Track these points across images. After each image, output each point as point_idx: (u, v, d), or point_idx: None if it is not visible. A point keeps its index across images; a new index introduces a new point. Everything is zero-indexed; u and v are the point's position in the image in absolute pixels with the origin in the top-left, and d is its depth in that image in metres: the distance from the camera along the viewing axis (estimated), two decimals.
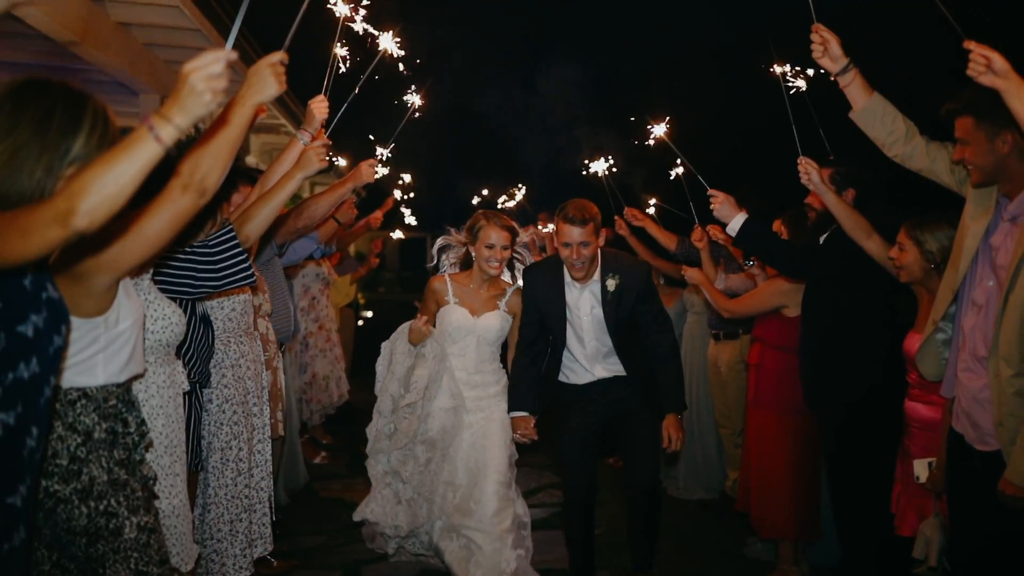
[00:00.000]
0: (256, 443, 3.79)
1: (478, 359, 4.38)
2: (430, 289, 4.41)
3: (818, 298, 4.18)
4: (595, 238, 4.08)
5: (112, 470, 2.28)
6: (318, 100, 3.86)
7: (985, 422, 2.98)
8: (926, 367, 3.38)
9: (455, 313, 4.35)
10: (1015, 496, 2.80)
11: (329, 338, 7.02)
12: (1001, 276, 2.98)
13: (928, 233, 3.51)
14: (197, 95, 1.79)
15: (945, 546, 3.36)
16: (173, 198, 2.09)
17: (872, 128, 3.33)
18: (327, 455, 7.12)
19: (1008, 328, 2.88)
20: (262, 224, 3.30)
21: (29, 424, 1.88)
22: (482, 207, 8.83)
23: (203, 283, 3.02)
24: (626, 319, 4.22)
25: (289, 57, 2.27)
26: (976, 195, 3.15)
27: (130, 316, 2.32)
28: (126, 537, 2.26)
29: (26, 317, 1.87)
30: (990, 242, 3.08)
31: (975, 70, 2.60)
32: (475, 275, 4.40)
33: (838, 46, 3.20)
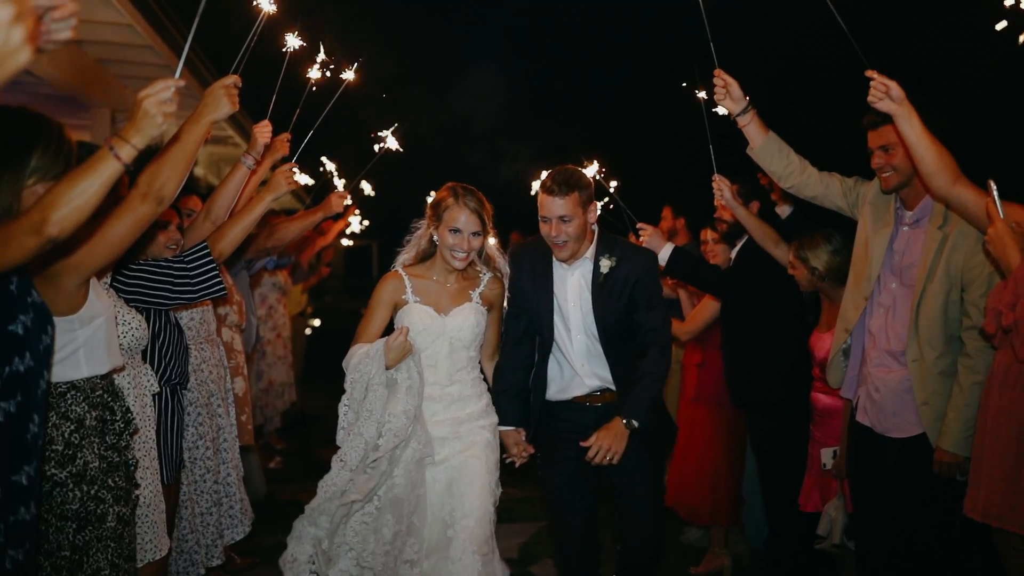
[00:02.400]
0: (222, 442, 4.03)
1: (451, 368, 3.48)
2: (382, 289, 3.49)
3: (736, 306, 4.58)
4: (580, 211, 3.48)
5: (104, 455, 2.56)
6: (261, 126, 3.90)
7: (903, 410, 3.40)
8: (833, 377, 3.80)
9: (417, 313, 3.44)
10: (950, 463, 3.23)
11: (285, 345, 7.24)
12: (907, 276, 3.42)
13: (810, 252, 3.98)
14: (150, 118, 2.16)
15: (847, 525, 3.78)
16: (133, 206, 2.43)
17: (770, 163, 3.70)
18: (281, 459, 7.33)
19: (929, 315, 3.33)
20: (234, 242, 3.57)
21: (30, 411, 2.15)
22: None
23: (179, 294, 3.29)
24: (618, 313, 3.58)
25: (241, 79, 2.64)
26: (872, 211, 3.59)
27: (103, 313, 2.59)
28: (108, 525, 2.53)
29: (15, 318, 2.15)
30: (893, 248, 3.51)
31: (876, 96, 2.99)
32: (437, 265, 3.54)
33: (738, 89, 3.54)
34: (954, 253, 3.33)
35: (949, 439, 3.25)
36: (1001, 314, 2.87)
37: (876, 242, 3.57)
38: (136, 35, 6.21)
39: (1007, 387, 2.97)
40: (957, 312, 3.33)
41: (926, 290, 3.36)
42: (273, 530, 5.54)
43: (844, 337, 3.67)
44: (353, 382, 3.34)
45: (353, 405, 3.35)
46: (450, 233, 3.43)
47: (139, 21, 5.97)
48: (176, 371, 3.53)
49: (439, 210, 3.46)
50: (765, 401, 4.44)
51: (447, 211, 3.44)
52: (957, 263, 3.33)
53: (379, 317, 3.47)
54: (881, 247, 3.56)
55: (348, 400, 3.36)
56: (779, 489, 4.40)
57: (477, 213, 3.43)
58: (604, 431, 3.42)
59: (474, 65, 13.83)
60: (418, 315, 3.47)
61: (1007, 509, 2.91)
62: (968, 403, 3.20)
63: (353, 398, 3.34)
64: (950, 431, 3.25)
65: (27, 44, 1.19)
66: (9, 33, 1.16)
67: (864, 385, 3.56)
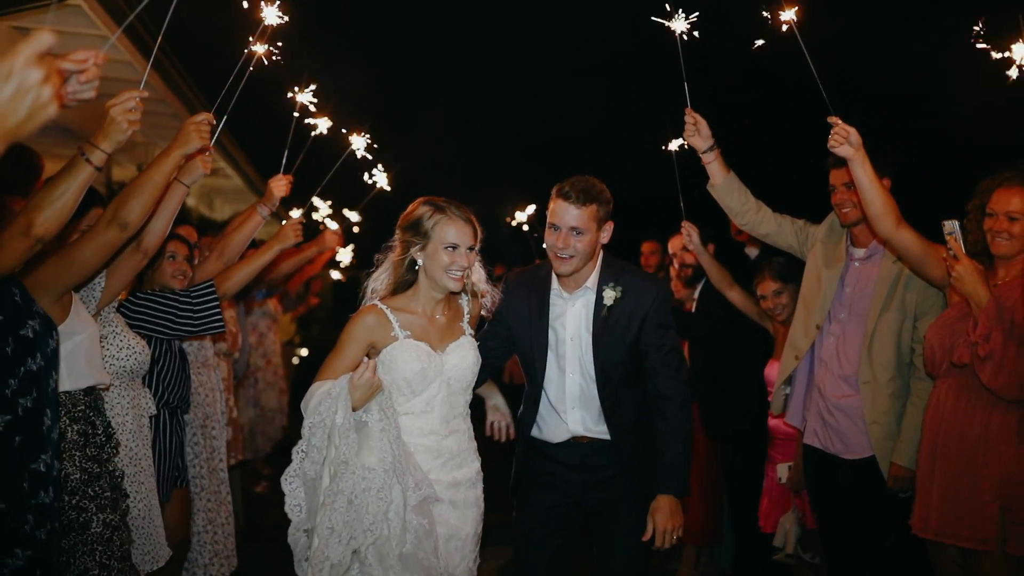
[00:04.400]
0: (217, 462, 4.23)
1: (449, 414, 2.98)
2: (356, 325, 2.94)
3: (702, 344, 4.90)
4: (595, 227, 3.12)
5: (84, 467, 2.80)
6: (278, 179, 4.05)
7: (855, 432, 3.65)
8: (776, 404, 4.09)
9: (409, 352, 2.90)
10: (904, 477, 3.48)
11: (276, 372, 7.44)
12: (857, 307, 3.72)
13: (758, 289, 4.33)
14: (116, 125, 2.49)
15: (800, 536, 4.01)
16: (100, 230, 2.76)
17: (729, 199, 3.94)
18: (267, 485, 7.50)
19: (883, 341, 3.62)
20: (239, 284, 3.87)
21: (43, 406, 2.42)
22: None
23: (180, 326, 3.54)
24: (622, 353, 3.18)
25: (218, 117, 2.92)
26: (823, 249, 3.88)
27: (83, 331, 2.86)
28: (92, 531, 2.77)
29: (24, 323, 2.42)
30: (844, 282, 3.78)
31: (836, 141, 3.24)
32: (421, 296, 3.00)
33: (707, 128, 3.78)
34: (909, 286, 3.63)
35: (904, 455, 3.51)
36: (976, 345, 3.09)
37: (828, 276, 3.85)
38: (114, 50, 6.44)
39: (958, 412, 3.21)
40: (909, 340, 3.62)
41: (881, 318, 3.64)
42: (259, 551, 5.73)
43: (793, 364, 3.92)
44: (312, 426, 2.77)
45: (312, 453, 2.78)
46: (445, 251, 2.92)
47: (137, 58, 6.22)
48: (175, 395, 3.73)
49: (423, 228, 2.94)
50: (734, 432, 4.70)
51: (437, 226, 2.93)
52: (912, 296, 3.62)
53: (349, 355, 2.90)
54: (833, 281, 3.83)
55: (305, 447, 2.79)
56: (746, 512, 4.63)
57: (471, 224, 2.99)
58: (659, 513, 3.07)
59: (447, 94, 14.19)
60: (413, 353, 2.91)
61: (961, 527, 3.13)
62: (922, 421, 3.45)
63: (312, 445, 2.78)
64: (906, 447, 3.51)
65: (54, 100, 1.39)
66: (40, 91, 1.36)
67: (813, 409, 3.81)
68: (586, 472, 3.23)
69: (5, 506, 2.26)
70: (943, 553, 3.26)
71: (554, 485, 3.25)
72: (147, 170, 2.85)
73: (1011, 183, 3.22)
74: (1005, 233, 3.20)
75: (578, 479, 3.23)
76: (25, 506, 2.32)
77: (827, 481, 3.81)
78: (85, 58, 1.99)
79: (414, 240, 2.96)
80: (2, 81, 1.31)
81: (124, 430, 3.21)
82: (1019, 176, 3.22)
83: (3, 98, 1.31)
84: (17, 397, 2.35)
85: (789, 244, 4.02)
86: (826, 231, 3.92)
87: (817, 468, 3.85)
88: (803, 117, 3.34)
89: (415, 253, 2.97)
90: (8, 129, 1.33)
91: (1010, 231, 3.19)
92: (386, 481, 2.74)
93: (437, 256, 2.93)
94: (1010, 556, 3.04)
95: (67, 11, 4.80)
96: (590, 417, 3.24)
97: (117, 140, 2.49)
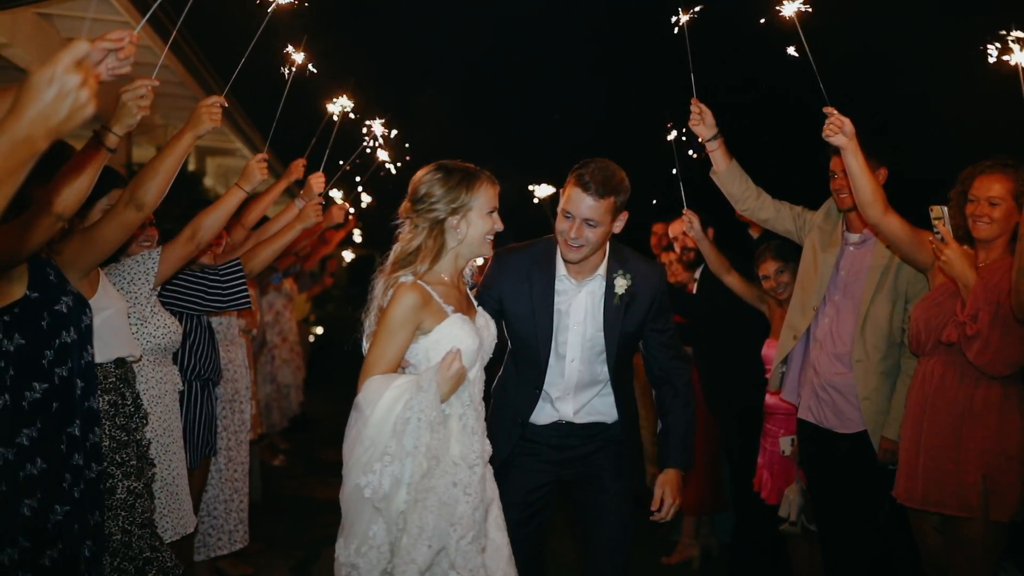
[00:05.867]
0: (244, 435, 4.47)
1: (482, 387, 2.80)
2: (401, 305, 2.63)
3: (705, 325, 5.04)
4: (610, 219, 3.01)
5: (113, 436, 2.99)
6: (317, 176, 4.42)
7: (848, 408, 3.82)
8: (773, 381, 4.24)
9: (465, 326, 2.71)
10: (893, 450, 3.65)
11: (292, 349, 7.65)
12: (851, 289, 3.87)
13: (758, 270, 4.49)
14: (127, 110, 2.69)
15: (804, 506, 4.18)
16: (119, 211, 2.96)
17: (731, 186, 4.08)
18: (284, 458, 7.73)
19: (875, 322, 3.78)
20: (264, 263, 4.07)
21: (75, 377, 2.62)
22: None
23: (211, 301, 3.73)
24: (629, 338, 3.18)
25: (234, 98, 3.04)
26: (820, 234, 4.02)
27: (112, 306, 3.06)
28: (117, 497, 2.96)
29: (59, 299, 2.63)
30: (839, 266, 3.93)
31: (832, 130, 3.35)
32: (447, 265, 2.76)
33: (711, 117, 3.90)
34: (901, 269, 3.78)
35: (893, 429, 3.68)
36: (964, 324, 3.23)
37: (825, 260, 3.99)
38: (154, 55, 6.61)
39: (943, 388, 3.36)
40: (900, 321, 3.76)
41: (874, 299, 3.79)
42: (276, 521, 5.96)
43: (791, 344, 4.07)
44: (397, 430, 2.49)
45: (401, 456, 2.48)
46: (487, 216, 2.76)
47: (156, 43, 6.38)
48: (207, 367, 3.94)
49: (462, 194, 2.71)
50: (734, 407, 4.86)
51: (478, 191, 2.73)
52: (904, 279, 3.78)
53: (400, 340, 2.65)
54: (829, 264, 3.97)
55: (393, 450, 2.48)
56: (744, 484, 4.80)
57: (498, 185, 2.84)
58: (668, 485, 3.11)
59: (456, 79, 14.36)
60: (468, 327, 2.72)
61: (946, 496, 3.28)
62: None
63: (403, 446, 2.48)
64: (896, 422, 3.67)
65: (91, 102, 1.51)
66: (78, 94, 1.49)
67: (808, 386, 3.97)
68: (569, 450, 3.19)
69: (47, 466, 2.46)
70: (925, 521, 3.43)
71: (533, 464, 3.20)
72: (162, 153, 3.04)
73: (992, 170, 3.36)
74: (986, 217, 3.34)
75: (559, 457, 3.21)
76: (63, 466, 2.52)
77: (820, 454, 3.98)
78: (121, 37, 2.27)
79: (452, 207, 2.71)
80: (45, 86, 1.45)
81: (158, 403, 3.39)
82: (999, 164, 3.37)
83: (46, 101, 1.45)
84: (53, 367, 2.55)
85: (787, 229, 4.16)
86: (823, 216, 4.07)
87: (811, 442, 4.01)
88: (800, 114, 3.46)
89: (456, 221, 2.72)
90: (50, 128, 1.47)
91: (990, 215, 3.33)
92: (471, 477, 2.56)
93: (479, 221, 2.74)
94: (990, 522, 3.20)
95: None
96: (582, 402, 3.21)
97: (128, 124, 2.69)
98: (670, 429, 3.20)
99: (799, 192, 4.28)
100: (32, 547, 2.40)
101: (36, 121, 1.46)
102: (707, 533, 5.42)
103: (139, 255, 3.32)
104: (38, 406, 2.49)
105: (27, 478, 2.42)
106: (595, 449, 3.23)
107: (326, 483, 7.01)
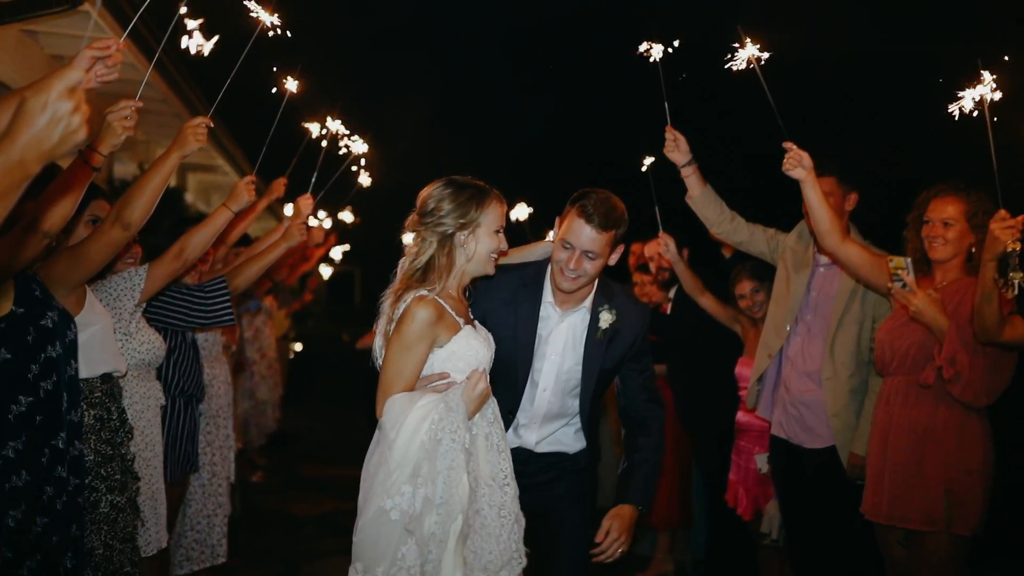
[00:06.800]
0: (226, 451, 4.50)
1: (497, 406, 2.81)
2: (418, 319, 2.62)
3: (680, 345, 5.14)
4: (608, 252, 2.99)
5: (98, 449, 3.02)
6: (305, 198, 4.48)
7: (817, 424, 3.94)
8: (749, 399, 4.35)
9: (476, 338, 2.77)
10: (861, 465, 3.75)
11: (271, 365, 7.67)
12: (822, 309, 4.01)
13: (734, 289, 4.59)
14: (112, 130, 2.77)
15: (783, 522, 4.28)
16: (105, 230, 3.00)
17: (706, 210, 4.21)
18: (263, 474, 7.74)
19: (844, 341, 3.92)
20: (248, 280, 4.13)
21: (61, 390, 2.67)
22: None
23: (195, 317, 3.78)
24: (606, 374, 3.12)
25: (217, 116, 3.13)
26: (792, 255, 4.14)
27: (98, 321, 3.09)
28: (100, 511, 2.99)
29: (44, 315, 2.69)
30: (811, 286, 4.04)
31: (791, 164, 3.46)
32: (454, 279, 2.77)
33: (685, 143, 4.02)
34: (869, 291, 3.89)
35: (861, 445, 3.78)
36: (942, 368, 3.32)
37: (797, 280, 4.11)
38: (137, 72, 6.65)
39: (907, 406, 3.46)
40: (868, 340, 3.88)
41: (843, 320, 3.92)
42: (255, 535, 5.98)
43: (767, 362, 4.17)
44: (428, 451, 2.48)
45: (433, 479, 2.47)
46: (494, 235, 2.78)
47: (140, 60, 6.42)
48: (191, 383, 3.99)
49: (471, 209, 2.73)
50: (707, 424, 4.96)
51: (488, 209, 2.75)
52: (872, 300, 3.91)
53: (417, 356, 2.64)
54: (801, 285, 4.09)
55: (426, 472, 2.47)
56: (718, 500, 4.88)
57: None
58: (619, 520, 2.99)
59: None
60: (479, 340, 2.77)
61: (911, 511, 3.38)
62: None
63: (435, 469, 2.47)
64: (864, 438, 3.77)
65: (83, 128, 1.57)
66: (70, 120, 1.55)
67: (779, 403, 4.07)
68: (523, 478, 2.85)
69: (31, 478, 2.50)
70: (890, 535, 3.53)
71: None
72: (148, 173, 3.08)
73: (945, 193, 3.51)
74: (940, 238, 3.48)
75: (520, 483, 2.91)
76: (45, 479, 2.56)
77: (791, 470, 4.08)
78: (107, 45, 2.42)
79: (461, 222, 2.71)
80: (39, 112, 1.52)
81: (141, 418, 3.43)
82: (952, 187, 3.51)
83: (39, 126, 1.51)
84: (39, 381, 2.60)
85: (761, 251, 4.28)
86: (795, 237, 4.19)
87: (781, 457, 4.11)
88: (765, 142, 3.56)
89: (464, 237, 2.73)
90: (43, 152, 1.54)
91: (945, 236, 3.47)
92: (503, 498, 2.57)
93: (485, 240, 2.76)
94: (953, 535, 3.31)
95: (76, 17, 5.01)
96: (547, 433, 3.14)
97: (113, 144, 2.76)
98: (636, 466, 3.10)
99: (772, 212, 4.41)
100: (13, 557, 2.44)
101: (30, 145, 1.52)
102: (681, 549, 5.50)
103: (126, 272, 3.37)
104: (23, 419, 2.54)
105: (12, 490, 2.47)
106: (553, 478, 3.14)
107: (304, 499, 7.06)
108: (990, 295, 3.09)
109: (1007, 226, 2.98)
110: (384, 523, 2.49)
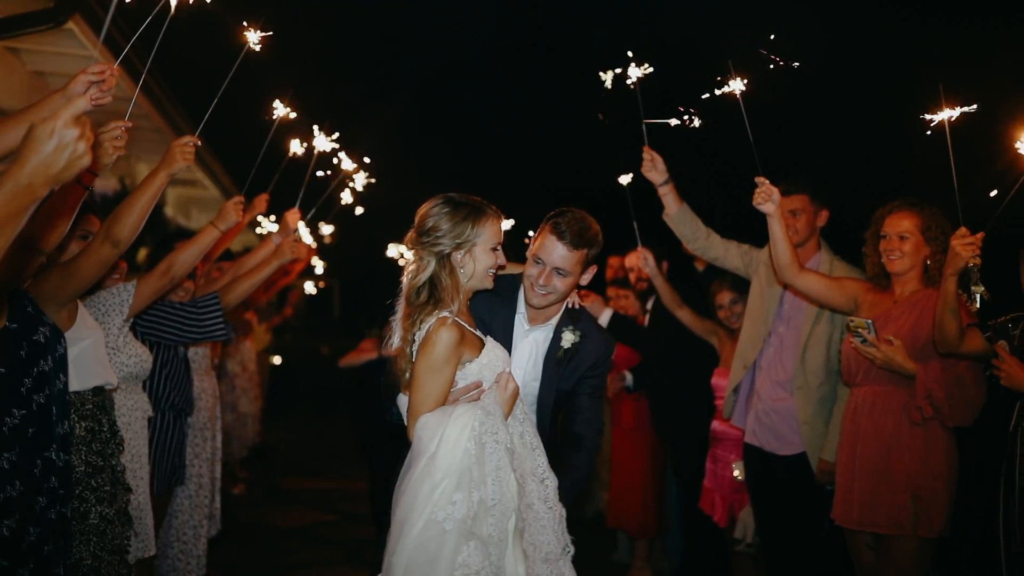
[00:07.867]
0: (215, 463, 4.56)
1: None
2: (449, 344, 2.67)
3: (653, 357, 5.26)
4: (580, 270, 3.04)
5: (89, 461, 3.08)
6: (293, 212, 4.52)
7: (788, 431, 4.07)
8: (726, 408, 4.48)
9: (497, 346, 2.88)
10: (830, 471, 3.89)
11: (251, 379, 7.70)
12: (794, 321, 4.15)
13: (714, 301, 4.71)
14: (104, 150, 2.86)
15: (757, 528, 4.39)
16: (95, 247, 3.08)
17: (682, 227, 4.33)
18: (244, 487, 7.76)
19: (814, 352, 4.06)
20: (240, 297, 4.20)
21: (51, 403, 2.72)
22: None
23: (187, 332, 3.84)
24: (561, 393, 3.14)
25: (201, 139, 3.21)
26: (766, 270, 4.26)
27: (90, 336, 3.16)
28: (90, 522, 3.04)
29: (36, 330, 2.73)
30: (783, 300, 4.18)
31: (762, 198, 3.58)
32: (462, 297, 2.80)
33: (662, 163, 4.13)
34: None
35: (830, 452, 3.92)
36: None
37: (771, 294, 4.25)
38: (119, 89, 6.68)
39: (874, 415, 3.59)
40: (837, 351, 4.01)
41: (813, 332, 4.06)
42: (238, 548, 6.01)
43: (742, 373, 4.30)
44: (476, 456, 2.54)
45: (485, 480, 2.53)
46: (491, 252, 2.82)
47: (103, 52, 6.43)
48: (181, 397, 4.05)
49: (467, 228, 2.75)
50: (682, 432, 5.07)
51: (484, 226, 2.78)
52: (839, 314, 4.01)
53: (447, 376, 2.69)
54: (775, 298, 4.23)
55: (477, 475, 2.53)
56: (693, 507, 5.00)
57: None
58: None
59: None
60: (501, 347, 2.87)
61: (879, 516, 3.51)
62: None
63: (485, 471, 2.54)
64: (833, 444, 3.90)
65: (88, 153, 1.66)
66: (76, 146, 1.64)
67: (752, 412, 4.20)
68: None
69: (24, 488, 2.56)
70: (858, 539, 3.65)
71: None
72: (136, 191, 3.14)
73: (900, 209, 3.68)
74: (897, 251, 3.64)
75: None
76: (38, 489, 2.62)
77: (763, 476, 4.20)
78: (103, 70, 2.53)
79: (457, 242, 2.75)
80: (46, 138, 1.60)
81: (127, 430, 3.48)
82: (907, 203, 3.68)
83: (47, 152, 1.60)
84: (31, 394, 2.66)
85: (735, 266, 4.41)
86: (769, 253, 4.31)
87: (755, 464, 4.23)
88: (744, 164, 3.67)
89: (460, 256, 2.76)
90: (50, 176, 1.62)
91: (901, 249, 3.63)
92: (546, 491, 2.64)
93: (483, 257, 2.79)
94: (919, 538, 3.44)
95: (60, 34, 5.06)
96: None
97: (104, 164, 2.84)
98: (563, 475, 2.81)
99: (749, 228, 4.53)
100: (9, 566, 2.50)
101: (37, 170, 1.61)
102: (659, 556, 5.60)
103: (114, 288, 3.43)
104: (16, 431, 2.60)
105: (6, 500, 2.52)
106: None
107: (285, 512, 7.10)
108: (956, 309, 3.23)
109: (967, 242, 3.12)
110: (436, 535, 2.49)
